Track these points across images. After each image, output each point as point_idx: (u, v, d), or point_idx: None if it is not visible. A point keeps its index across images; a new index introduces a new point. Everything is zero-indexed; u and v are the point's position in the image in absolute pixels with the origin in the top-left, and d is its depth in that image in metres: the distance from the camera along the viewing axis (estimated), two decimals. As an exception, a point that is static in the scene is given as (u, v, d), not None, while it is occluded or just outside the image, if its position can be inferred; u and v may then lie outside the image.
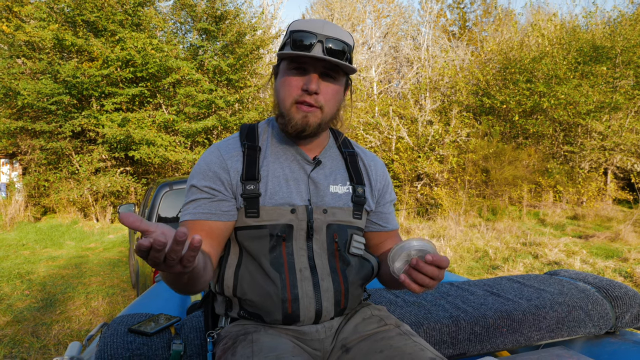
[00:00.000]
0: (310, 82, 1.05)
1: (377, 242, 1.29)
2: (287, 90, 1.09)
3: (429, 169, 10.98)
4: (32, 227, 9.86)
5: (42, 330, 3.73)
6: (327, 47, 1.05)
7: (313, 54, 1.04)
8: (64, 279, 5.48)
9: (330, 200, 1.15)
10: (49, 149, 10.58)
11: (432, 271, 0.91)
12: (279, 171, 1.14)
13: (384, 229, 1.28)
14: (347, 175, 1.22)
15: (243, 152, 1.14)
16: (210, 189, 1.10)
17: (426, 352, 1.03)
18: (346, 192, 1.19)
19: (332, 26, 1.08)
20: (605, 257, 6.20)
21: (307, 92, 1.06)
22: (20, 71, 10.12)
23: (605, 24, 12.49)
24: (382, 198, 1.27)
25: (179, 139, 11.07)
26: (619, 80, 11.17)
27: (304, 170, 1.16)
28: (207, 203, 1.10)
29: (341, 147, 1.26)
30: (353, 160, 1.24)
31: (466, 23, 20.93)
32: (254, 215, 1.10)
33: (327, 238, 1.14)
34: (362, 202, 1.20)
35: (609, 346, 1.51)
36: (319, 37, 1.04)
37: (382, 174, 1.28)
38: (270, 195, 1.11)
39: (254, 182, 1.11)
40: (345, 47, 1.07)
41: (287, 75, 1.09)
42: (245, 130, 1.21)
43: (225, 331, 1.12)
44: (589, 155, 11.36)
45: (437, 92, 13.21)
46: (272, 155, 1.16)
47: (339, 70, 1.10)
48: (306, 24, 1.07)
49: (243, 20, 12.50)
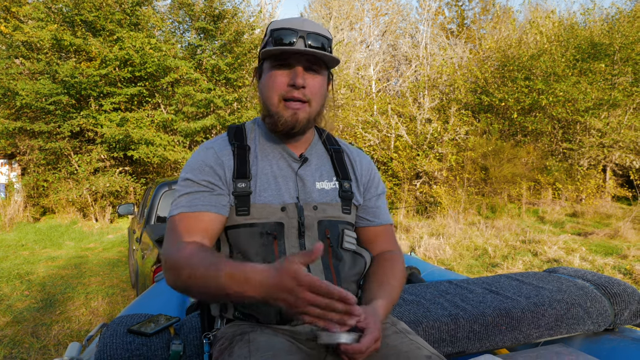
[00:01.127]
0: (296, 76, 1.07)
1: (369, 237, 1.28)
2: (272, 87, 1.09)
3: (428, 167, 10.98)
4: (31, 227, 9.86)
5: (42, 330, 3.73)
6: (308, 43, 1.06)
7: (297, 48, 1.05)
8: (64, 279, 5.48)
9: (317, 197, 1.16)
10: (48, 149, 10.56)
11: (355, 357, 0.93)
12: (268, 169, 1.15)
13: (372, 224, 1.27)
14: (333, 170, 1.22)
15: (233, 151, 1.15)
16: (209, 183, 1.10)
17: (422, 350, 1.03)
18: (333, 187, 1.19)
19: (311, 23, 1.10)
20: (605, 255, 6.21)
21: (294, 87, 1.07)
22: (19, 71, 10.10)
23: (603, 21, 12.49)
24: (368, 192, 1.27)
25: (177, 139, 11.07)
26: (617, 77, 11.17)
27: (292, 168, 1.17)
28: (207, 195, 1.09)
29: (326, 143, 1.27)
30: (339, 157, 1.25)
31: (464, 21, 20.92)
32: (244, 213, 1.10)
33: (319, 234, 1.14)
34: (349, 197, 1.20)
35: (608, 343, 1.51)
36: (300, 33, 1.06)
37: (367, 168, 1.29)
38: (259, 192, 1.12)
39: (245, 180, 1.12)
40: (325, 41, 1.09)
41: (272, 72, 1.09)
42: (232, 131, 1.21)
43: (222, 332, 1.12)
44: (588, 153, 11.37)
45: (436, 90, 13.20)
46: (261, 153, 1.17)
47: (322, 63, 1.11)
48: (285, 22, 1.09)
49: (241, 19, 12.49)
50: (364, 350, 0.92)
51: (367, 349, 0.93)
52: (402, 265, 1.24)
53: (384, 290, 1.12)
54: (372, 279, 1.18)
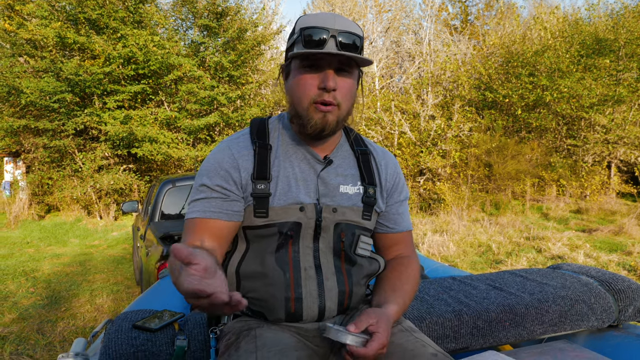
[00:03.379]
0: (327, 79, 1.02)
1: (386, 244, 1.26)
2: (303, 90, 1.05)
3: (432, 163, 10.96)
4: (36, 225, 9.91)
5: (47, 327, 3.75)
6: (340, 42, 1.02)
7: (327, 49, 1.01)
8: (69, 277, 5.51)
9: (340, 200, 1.13)
10: (52, 147, 10.61)
11: None
12: (289, 170, 1.12)
13: (391, 231, 1.24)
14: (359, 174, 1.19)
15: (254, 151, 1.12)
16: (222, 188, 1.09)
17: (428, 348, 1.03)
18: (357, 192, 1.16)
19: (343, 19, 1.05)
20: (609, 251, 6.19)
21: (324, 90, 1.03)
22: (23, 69, 10.14)
23: (608, 17, 12.40)
24: (391, 198, 1.23)
25: (181, 136, 11.09)
26: (622, 73, 11.10)
27: (314, 170, 1.14)
28: (219, 202, 1.08)
29: (353, 145, 1.23)
30: (365, 159, 1.21)
31: (468, 17, 20.83)
32: (262, 215, 1.09)
33: (334, 237, 1.12)
34: (372, 203, 1.17)
35: (612, 339, 1.51)
36: (331, 32, 1.01)
37: (392, 172, 1.24)
38: (279, 195, 1.10)
39: (264, 181, 1.09)
40: (358, 39, 1.04)
41: (301, 73, 1.05)
42: (255, 127, 1.17)
43: (228, 327, 1.13)
44: (592, 149, 11.32)
45: (439, 86, 13.16)
46: (283, 154, 1.14)
47: (353, 63, 1.06)
48: (316, 19, 1.04)
49: (244, 16, 12.48)
50: (370, 355, 0.92)
51: (373, 355, 0.92)
52: (417, 270, 1.22)
53: (397, 296, 1.11)
54: (385, 283, 1.17)
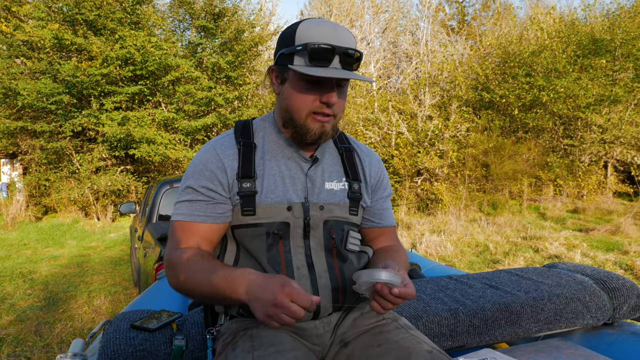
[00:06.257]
0: (330, 97, 1.05)
1: (372, 237, 1.30)
2: (303, 101, 1.07)
3: (429, 164, 10.99)
4: (34, 226, 9.89)
5: (45, 329, 3.75)
6: (344, 59, 1.04)
7: (332, 66, 1.03)
8: (66, 278, 5.50)
9: (326, 197, 1.15)
10: (50, 149, 10.59)
11: (396, 301, 0.97)
12: (276, 169, 1.14)
13: (377, 225, 1.28)
14: (343, 171, 1.21)
15: (238, 150, 1.13)
16: (207, 190, 1.10)
17: (423, 345, 1.04)
18: (342, 188, 1.19)
19: (344, 31, 1.06)
20: (606, 250, 6.21)
21: (327, 105, 1.07)
22: (20, 71, 10.12)
23: (604, 17, 12.44)
24: (375, 194, 1.27)
25: (178, 137, 11.08)
26: (618, 73, 11.14)
27: (301, 168, 1.16)
28: (203, 205, 1.09)
29: (337, 142, 1.26)
30: (349, 156, 1.24)
31: (465, 17, 20.88)
32: (250, 213, 1.10)
33: (325, 234, 1.14)
34: (358, 199, 1.20)
35: (607, 337, 1.52)
36: (336, 50, 1.03)
37: (376, 169, 1.28)
38: (266, 193, 1.11)
39: (250, 179, 1.11)
40: (359, 54, 1.07)
41: (303, 86, 1.07)
42: (240, 127, 1.19)
43: (225, 327, 1.14)
44: (589, 149, 11.36)
45: (437, 87, 13.19)
46: (269, 153, 1.15)
47: None
48: (319, 32, 1.04)
49: (241, 17, 12.50)
50: (411, 295, 0.98)
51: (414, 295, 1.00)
52: (405, 255, 1.25)
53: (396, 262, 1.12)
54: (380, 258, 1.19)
